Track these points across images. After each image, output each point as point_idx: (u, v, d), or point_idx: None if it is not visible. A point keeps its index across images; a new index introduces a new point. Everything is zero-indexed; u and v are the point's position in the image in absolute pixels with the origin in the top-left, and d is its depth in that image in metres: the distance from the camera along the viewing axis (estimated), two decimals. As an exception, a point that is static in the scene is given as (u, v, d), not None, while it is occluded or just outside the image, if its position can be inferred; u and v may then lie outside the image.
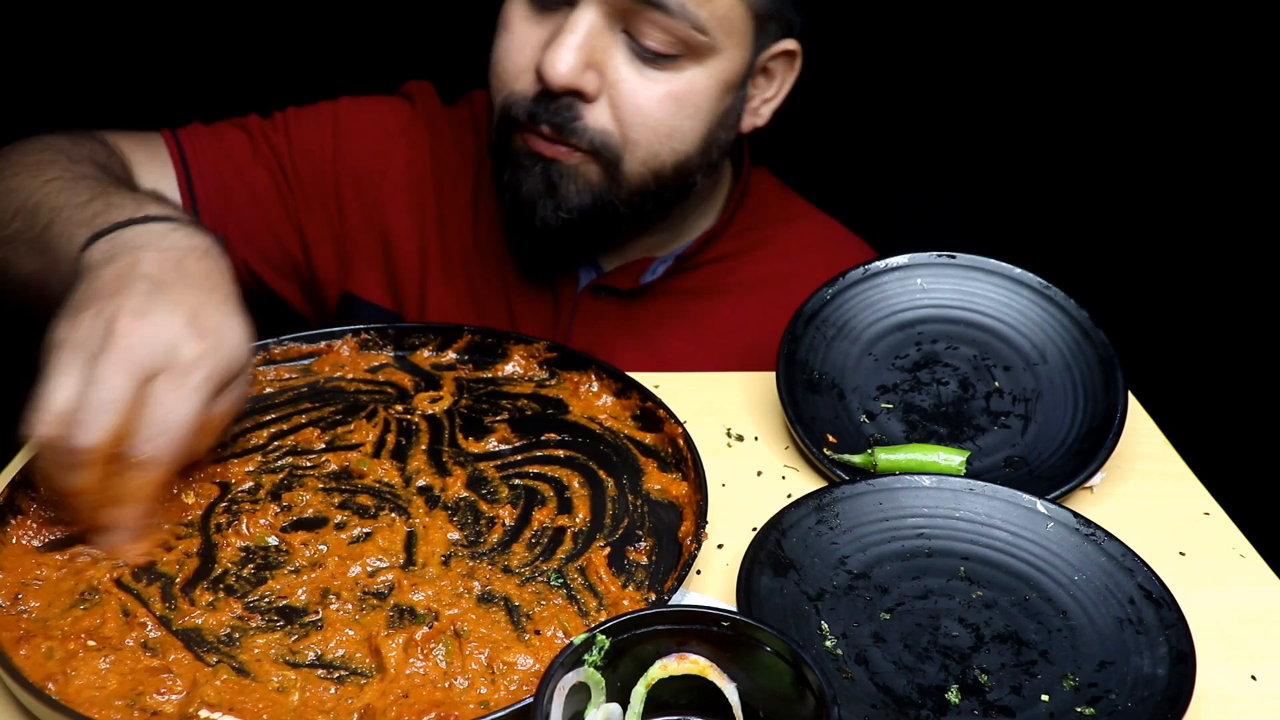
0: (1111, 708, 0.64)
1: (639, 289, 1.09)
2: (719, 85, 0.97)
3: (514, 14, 0.97)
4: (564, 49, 0.91)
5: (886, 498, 0.77)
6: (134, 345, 0.66)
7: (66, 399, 0.65)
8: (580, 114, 0.93)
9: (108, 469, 0.66)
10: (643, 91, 0.94)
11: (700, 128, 0.98)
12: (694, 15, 0.91)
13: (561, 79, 0.91)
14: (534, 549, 0.74)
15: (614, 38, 0.93)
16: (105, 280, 0.71)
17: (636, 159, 0.96)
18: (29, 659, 0.62)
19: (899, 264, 0.94)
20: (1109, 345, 0.88)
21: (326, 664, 0.64)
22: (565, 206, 0.97)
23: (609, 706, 0.56)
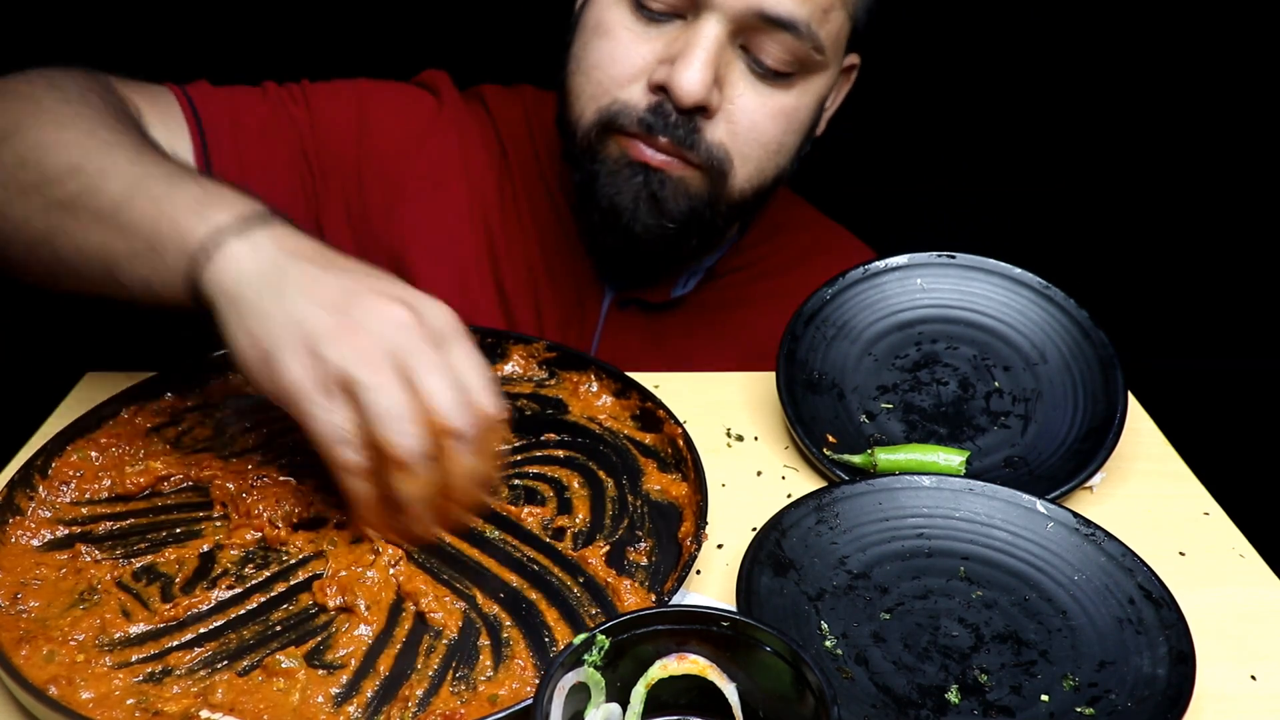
0: (1111, 708, 0.64)
1: (667, 303, 1.07)
2: (818, 100, 0.98)
3: (614, 19, 0.94)
4: (697, 65, 0.89)
5: (886, 498, 0.77)
6: (427, 327, 0.67)
7: (408, 401, 0.65)
8: (700, 129, 0.93)
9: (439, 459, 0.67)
10: (759, 108, 0.94)
11: (799, 142, 0.99)
12: (816, 36, 0.91)
13: (695, 96, 0.89)
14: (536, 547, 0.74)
15: (734, 53, 0.92)
16: (313, 293, 0.67)
17: (744, 175, 0.96)
18: (29, 659, 0.62)
19: (899, 264, 0.94)
20: (1109, 345, 0.88)
21: (328, 664, 0.64)
22: (668, 215, 0.95)
23: (609, 706, 0.56)
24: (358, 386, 0.64)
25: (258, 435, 0.83)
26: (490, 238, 1.07)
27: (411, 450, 0.65)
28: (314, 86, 1.07)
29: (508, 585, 0.71)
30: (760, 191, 0.99)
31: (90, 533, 0.73)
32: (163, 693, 0.61)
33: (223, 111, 1.00)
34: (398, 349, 0.65)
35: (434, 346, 0.67)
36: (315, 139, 1.04)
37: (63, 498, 0.75)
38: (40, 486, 0.75)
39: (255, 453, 0.81)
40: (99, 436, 0.80)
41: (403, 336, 0.66)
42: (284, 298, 0.67)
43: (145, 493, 0.77)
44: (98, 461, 0.78)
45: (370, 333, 0.65)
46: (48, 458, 0.76)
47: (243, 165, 1.00)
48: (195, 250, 0.69)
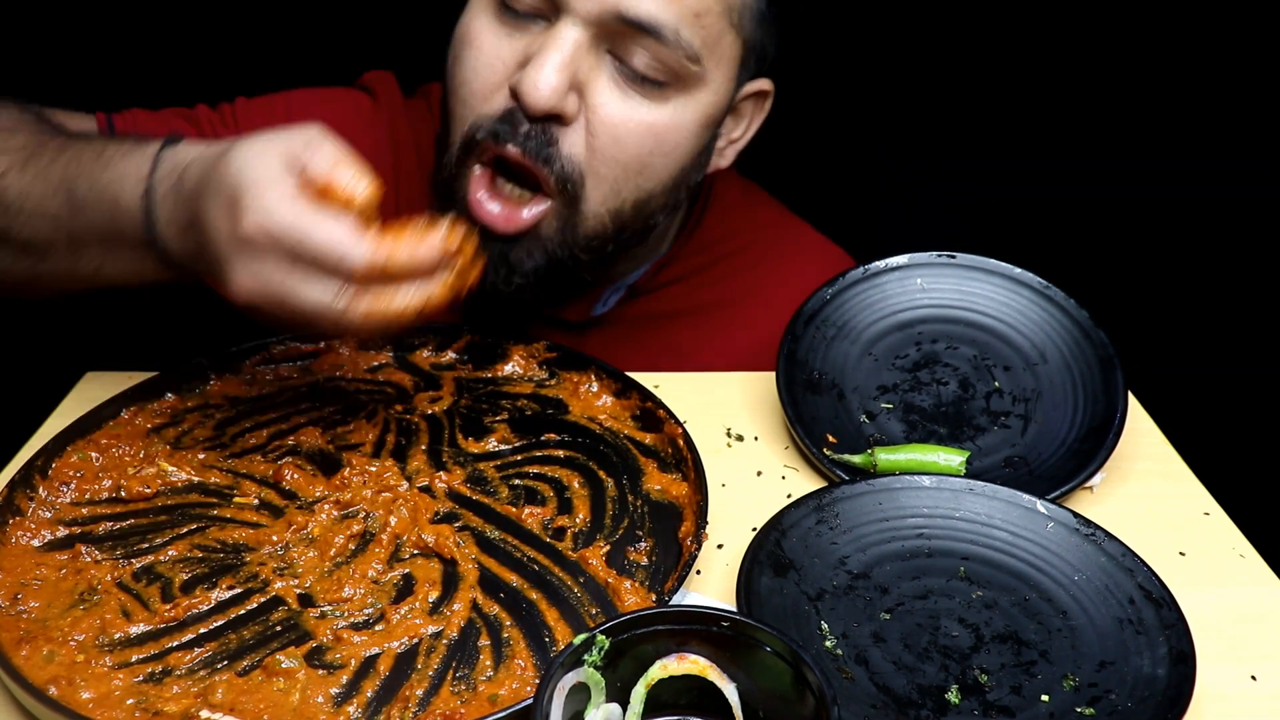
0: (1111, 708, 0.64)
1: (589, 321, 1.03)
2: (700, 120, 0.90)
3: (478, 27, 0.88)
4: (548, 68, 0.82)
5: (886, 498, 0.77)
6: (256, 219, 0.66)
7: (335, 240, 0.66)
8: (555, 139, 0.85)
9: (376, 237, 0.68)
10: (621, 119, 0.86)
11: (672, 167, 0.91)
12: (688, 44, 0.84)
13: (544, 102, 0.83)
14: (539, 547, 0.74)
15: (599, 58, 0.85)
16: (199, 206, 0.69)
17: (597, 197, 0.88)
18: (29, 660, 0.62)
19: (899, 264, 0.94)
20: (1109, 345, 0.88)
21: (328, 664, 0.64)
22: (521, 274, 0.89)
23: (609, 706, 0.56)
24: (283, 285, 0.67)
25: (257, 435, 0.83)
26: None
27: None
28: (247, 104, 1.05)
29: (508, 585, 0.71)
30: (620, 218, 0.90)
31: (90, 533, 0.73)
32: (163, 693, 0.61)
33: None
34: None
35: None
36: None
37: (63, 498, 0.75)
38: (40, 487, 0.75)
39: (256, 453, 0.81)
40: (99, 437, 0.80)
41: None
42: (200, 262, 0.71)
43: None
44: (98, 462, 0.78)
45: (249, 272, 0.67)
46: (48, 458, 0.76)
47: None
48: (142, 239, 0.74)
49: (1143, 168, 1.74)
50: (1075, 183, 1.77)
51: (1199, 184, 1.75)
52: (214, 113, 1.04)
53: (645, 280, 1.04)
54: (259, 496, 0.77)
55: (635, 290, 1.04)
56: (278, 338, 0.91)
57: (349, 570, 0.71)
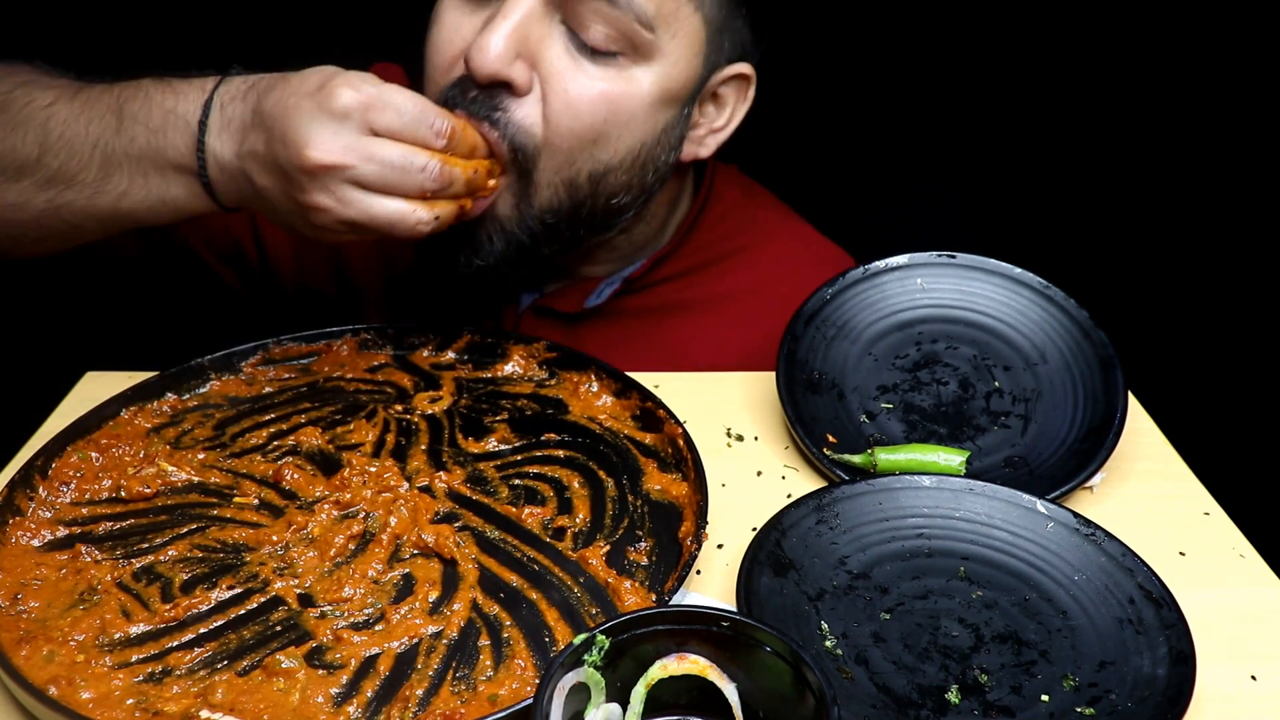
0: (1111, 708, 0.64)
1: (583, 312, 1.04)
2: (659, 94, 0.89)
3: (445, 4, 0.90)
4: (494, 34, 0.83)
5: (886, 498, 0.77)
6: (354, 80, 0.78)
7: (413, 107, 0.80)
8: (504, 107, 0.86)
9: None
10: (575, 86, 0.86)
11: (630, 140, 0.90)
12: (640, 8, 0.84)
13: (489, 65, 0.83)
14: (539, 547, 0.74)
15: (551, 27, 0.86)
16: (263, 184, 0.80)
17: (552, 166, 0.88)
18: (29, 660, 0.62)
19: (899, 264, 0.94)
20: (1109, 345, 0.88)
21: (328, 664, 0.64)
22: (481, 254, 0.91)
23: (609, 706, 0.56)
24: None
25: (257, 435, 0.83)
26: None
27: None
28: None
29: (508, 585, 0.71)
30: (575, 192, 0.90)
31: (90, 533, 0.73)
32: (163, 693, 0.61)
33: None
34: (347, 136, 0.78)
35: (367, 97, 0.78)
36: None
37: (63, 498, 0.75)
38: (40, 487, 0.75)
39: (256, 453, 0.81)
40: (99, 437, 0.80)
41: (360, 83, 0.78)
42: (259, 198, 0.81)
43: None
44: (98, 462, 0.78)
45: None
46: (48, 458, 0.76)
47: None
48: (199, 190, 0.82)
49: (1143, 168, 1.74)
50: (1075, 183, 1.77)
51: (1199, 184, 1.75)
52: None
53: (641, 274, 1.05)
54: (259, 496, 0.77)
55: (631, 284, 1.05)
56: (276, 338, 0.91)
57: (349, 570, 0.71)
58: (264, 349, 0.91)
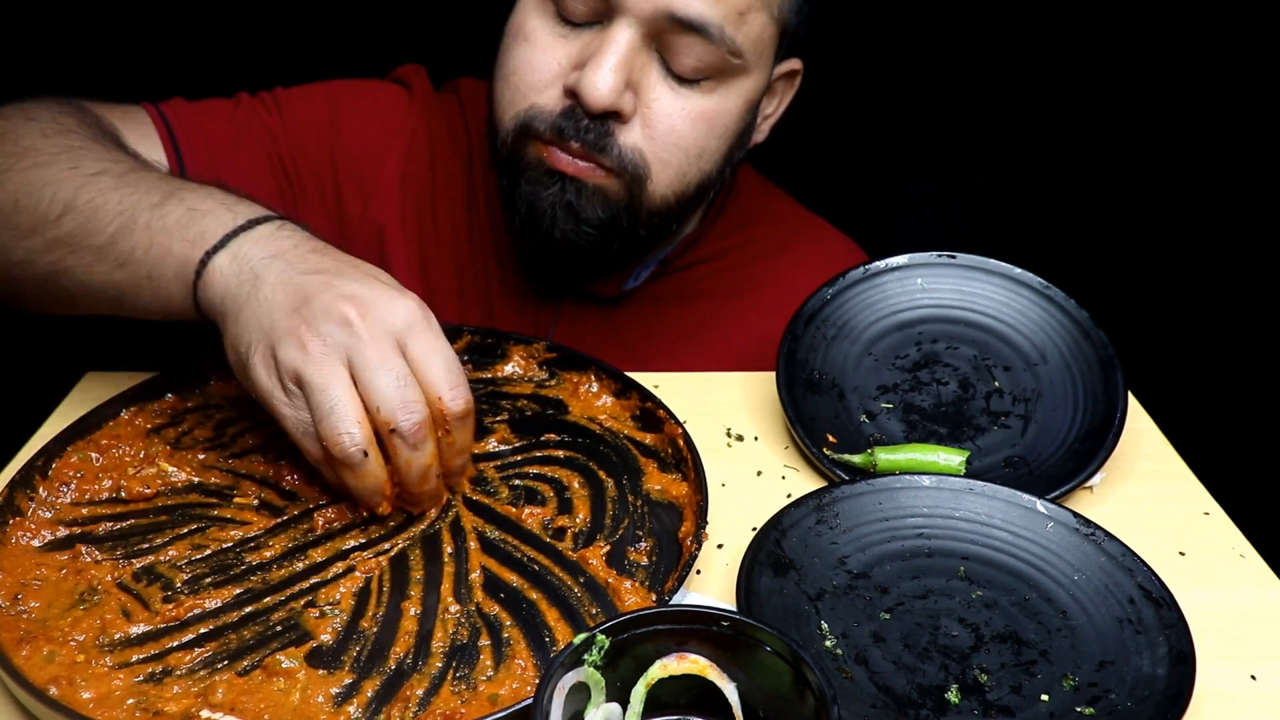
0: (1111, 708, 0.64)
1: (620, 295, 1.07)
2: (744, 105, 0.96)
3: (534, 23, 0.93)
4: (605, 70, 0.88)
5: (886, 498, 0.77)
6: (376, 322, 0.68)
7: (355, 401, 0.68)
8: (613, 132, 0.91)
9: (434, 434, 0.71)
10: (676, 112, 0.92)
11: (724, 147, 0.97)
12: (731, 40, 0.90)
13: (604, 100, 0.88)
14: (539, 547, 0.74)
15: (649, 57, 0.91)
16: (277, 296, 0.70)
17: (664, 180, 0.94)
18: (29, 660, 0.62)
19: (899, 264, 0.94)
20: (1109, 345, 0.88)
21: (329, 664, 0.64)
22: (588, 223, 0.94)
23: (609, 706, 0.56)
24: (306, 386, 0.68)
25: (257, 435, 0.83)
26: (454, 230, 1.08)
27: (346, 449, 0.67)
28: (287, 93, 1.08)
29: (508, 585, 0.71)
30: (683, 197, 0.97)
31: (90, 533, 0.73)
32: (163, 693, 0.61)
33: (196, 127, 1.01)
34: (346, 347, 0.68)
35: (384, 341, 0.68)
36: (289, 146, 1.06)
37: (63, 498, 0.75)
38: (40, 487, 0.75)
39: (256, 453, 0.81)
40: (99, 437, 0.80)
41: (349, 335, 0.68)
42: (255, 302, 0.70)
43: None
44: (98, 462, 0.78)
45: (319, 333, 0.68)
46: (48, 458, 0.76)
47: (217, 174, 1.01)
48: (189, 275, 0.73)
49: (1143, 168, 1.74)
50: (1076, 182, 1.78)
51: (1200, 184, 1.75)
52: (254, 100, 1.07)
53: (674, 256, 1.08)
54: (259, 497, 0.77)
55: (665, 267, 1.08)
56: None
57: (350, 570, 0.71)
58: (264, 349, 0.90)
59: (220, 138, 1.03)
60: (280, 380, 0.69)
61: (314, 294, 0.69)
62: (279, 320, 0.69)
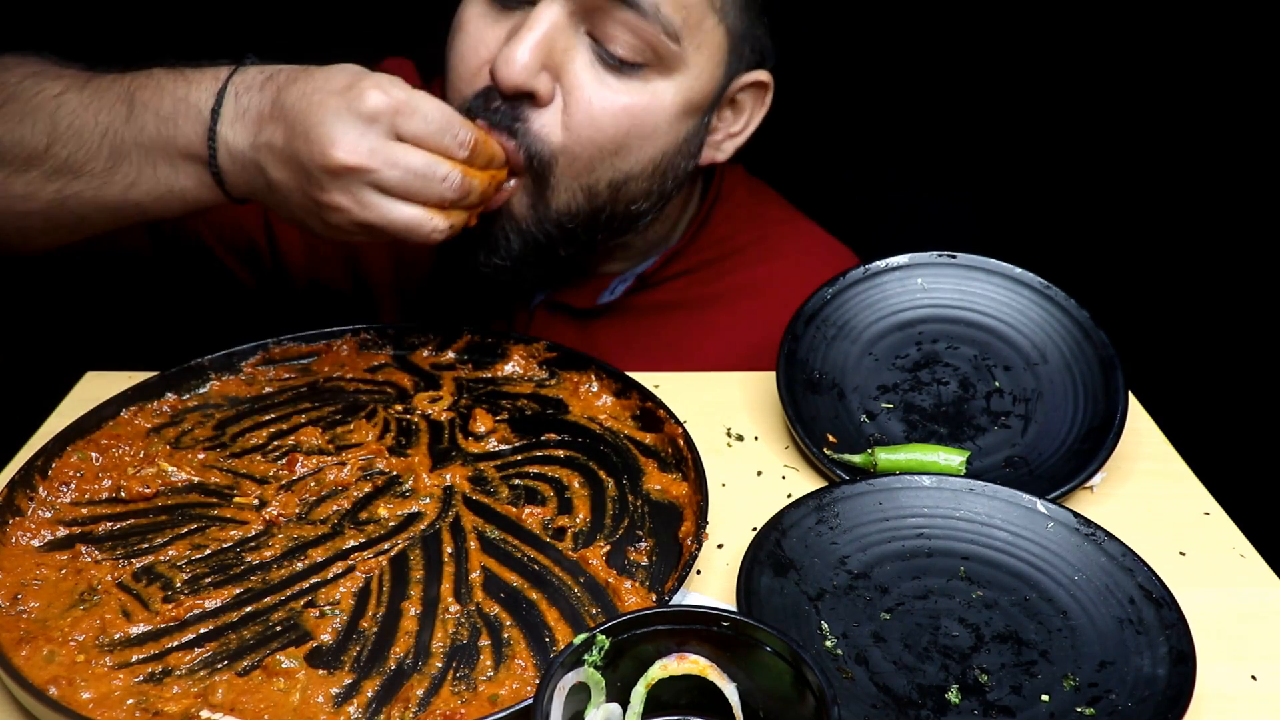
0: (1111, 708, 0.64)
1: (596, 309, 1.05)
2: (681, 105, 0.90)
3: (470, 12, 0.90)
4: (520, 46, 0.84)
5: (886, 498, 0.77)
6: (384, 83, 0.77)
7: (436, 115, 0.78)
8: (525, 117, 0.86)
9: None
10: (599, 99, 0.87)
11: (651, 150, 0.91)
12: (668, 19, 0.85)
13: (514, 78, 0.84)
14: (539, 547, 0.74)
15: (576, 39, 0.86)
16: (279, 178, 0.79)
17: (570, 173, 0.89)
18: (29, 660, 0.62)
19: (899, 264, 0.94)
20: (1109, 345, 0.88)
21: (328, 664, 0.64)
22: (499, 253, 0.91)
23: (609, 706, 0.56)
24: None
25: (257, 435, 0.83)
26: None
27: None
28: None
29: (508, 585, 0.71)
30: (594, 198, 0.91)
31: (90, 533, 0.73)
32: (163, 693, 0.61)
33: None
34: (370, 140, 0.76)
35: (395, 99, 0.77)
36: None
37: (63, 498, 0.75)
38: (40, 487, 0.75)
39: (256, 453, 0.81)
40: (99, 437, 0.80)
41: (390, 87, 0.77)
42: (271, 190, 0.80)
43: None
44: (98, 462, 0.78)
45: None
46: (48, 458, 0.76)
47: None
48: (210, 182, 0.81)
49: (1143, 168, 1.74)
50: (1076, 183, 1.77)
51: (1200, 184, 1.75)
52: None
53: (653, 271, 1.05)
54: (259, 496, 0.77)
55: (644, 281, 1.06)
56: (276, 339, 0.91)
57: (350, 570, 0.71)
58: (264, 349, 0.91)
59: None
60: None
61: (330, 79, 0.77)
62: (297, 200, 0.79)
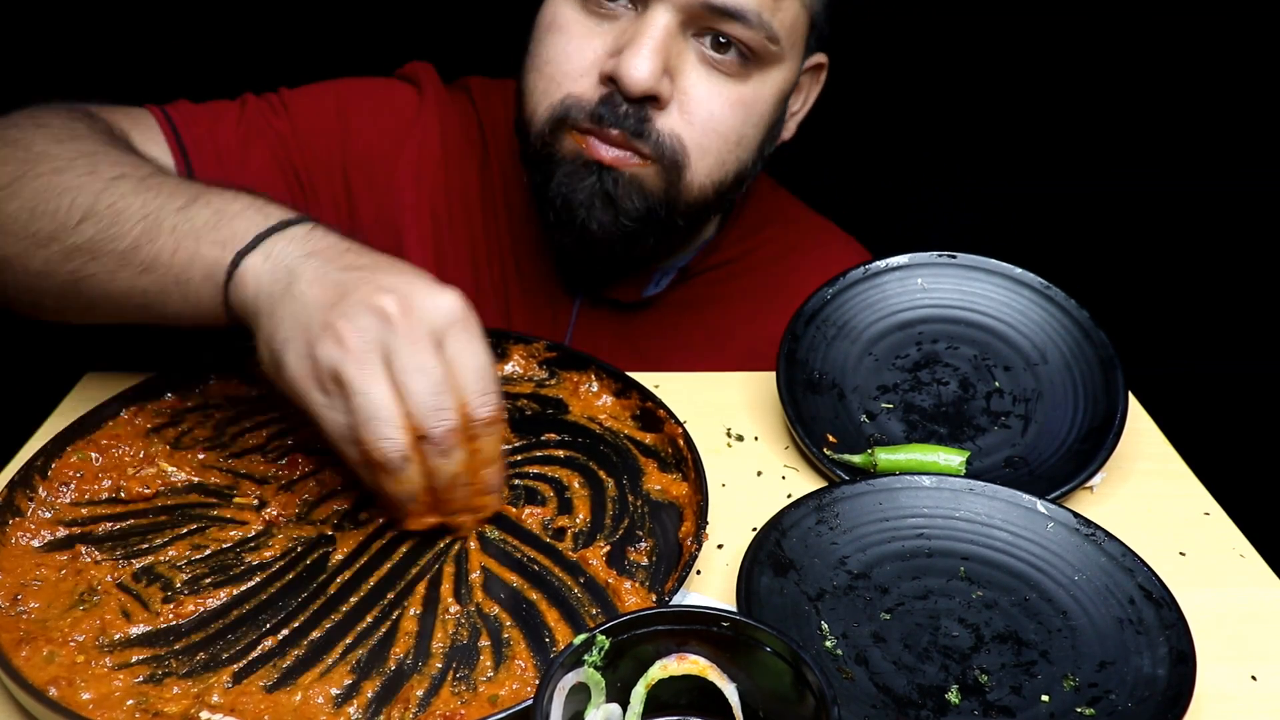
0: (1111, 708, 0.64)
1: (640, 302, 1.07)
2: (778, 94, 0.96)
3: (565, 14, 0.93)
4: (643, 54, 0.88)
5: (886, 498, 0.77)
6: (414, 321, 0.66)
7: (395, 403, 0.65)
8: (651, 118, 0.91)
9: (465, 441, 0.68)
10: (714, 98, 0.92)
11: (760, 137, 0.97)
12: (769, 25, 0.90)
13: (642, 84, 0.88)
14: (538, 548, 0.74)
15: (686, 41, 0.91)
16: (314, 293, 0.67)
17: (703, 168, 0.94)
18: (29, 660, 0.62)
19: (899, 264, 0.94)
20: (1109, 345, 0.88)
21: (328, 664, 0.64)
22: (625, 215, 0.93)
23: (609, 706, 0.56)
24: (346, 387, 0.65)
25: (257, 436, 0.83)
26: (470, 230, 1.07)
27: (387, 455, 0.65)
28: (293, 94, 1.06)
29: (508, 585, 0.71)
30: (721, 188, 0.97)
31: (90, 534, 0.73)
32: (163, 693, 0.61)
33: (203, 131, 1.00)
34: (384, 343, 0.65)
35: (423, 340, 0.66)
36: (299, 148, 1.04)
37: (63, 498, 0.75)
38: (40, 487, 0.75)
39: (256, 453, 0.81)
40: (99, 437, 0.80)
41: (387, 329, 0.65)
42: (291, 299, 0.68)
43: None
44: (98, 463, 0.78)
45: (357, 327, 0.65)
46: (48, 458, 0.76)
47: (226, 180, 0.97)
48: (220, 277, 0.71)
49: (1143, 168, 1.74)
50: (1076, 183, 1.77)
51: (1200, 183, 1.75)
52: (261, 101, 1.05)
53: (695, 264, 1.08)
54: (259, 496, 0.77)
55: (684, 274, 1.08)
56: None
57: (353, 567, 0.71)
58: (264, 349, 0.90)
59: (228, 141, 1.01)
60: (318, 379, 0.66)
61: (352, 289, 0.67)
62: (315, 315, 0.66)
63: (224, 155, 1.00)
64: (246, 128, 1.02)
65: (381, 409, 0.65)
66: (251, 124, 1.03)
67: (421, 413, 0.65)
